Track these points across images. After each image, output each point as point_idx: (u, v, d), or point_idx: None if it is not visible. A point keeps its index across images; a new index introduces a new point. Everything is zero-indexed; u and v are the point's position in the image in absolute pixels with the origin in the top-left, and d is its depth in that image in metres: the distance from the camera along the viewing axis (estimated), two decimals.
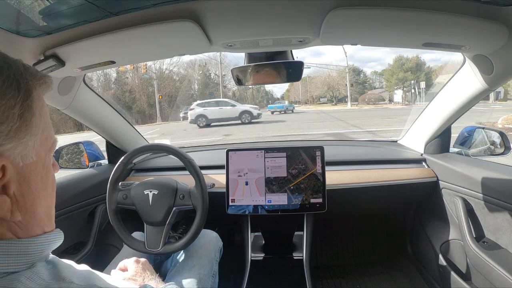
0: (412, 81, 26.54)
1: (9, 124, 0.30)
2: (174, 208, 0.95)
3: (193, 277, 0.85)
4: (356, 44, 0.78)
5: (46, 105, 0.37)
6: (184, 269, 0.88)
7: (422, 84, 23.74)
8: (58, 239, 0.38)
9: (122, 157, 1.00)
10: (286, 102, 25.11)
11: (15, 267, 0.31)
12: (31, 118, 0.32)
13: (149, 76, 24.03)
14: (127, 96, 25.14)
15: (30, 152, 0.33)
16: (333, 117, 14.97)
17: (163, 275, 0.94)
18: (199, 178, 0.95)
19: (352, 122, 11.34)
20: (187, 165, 0.96)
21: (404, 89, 29.26)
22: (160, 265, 1.03)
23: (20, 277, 0.30)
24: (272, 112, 21.04)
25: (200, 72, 32.81)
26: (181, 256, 0.95)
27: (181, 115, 22.95)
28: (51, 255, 0.38)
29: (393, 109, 19.46)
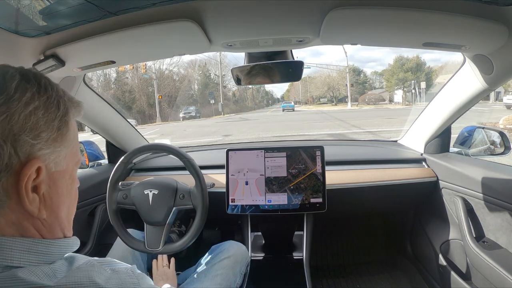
0: (413, 81, 26.48)
1: (49, 133, 0.35)
2: (174, 208, 0.95)
3: (214, 286, 0.85)
4: (356, 44, 0.78)
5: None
6: (206, 276, 0.88)
7: (423, 84, 23.77)
8: (75, 245, 0.41)
9: (123, 157, 1.00)
10: (292, 102, 32.07)
11: (36, 264, 0.34)
12: (66, 132, 0.38)
13: (149, 76, 23.96)
14: (127, 96, 25.04)
15: (62, 161, 0.38)
16: (334, 117, 14.94)
17: (184, 279, 0.95)
18: (199, 178, 0.95)
19: (352, 123, 11.35)
20: (187, 165, 0.96)
21: (405, 89, 29.19)
22: (182, 268, 1.03)
23: (38, 272, 0.33)
24: (283, 110, 24.53)
25: (200, 72, 32.77)
26: (206, 263, 0.94)
27: (181, 115, 22.77)
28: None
29: (393, 109, 19.48)
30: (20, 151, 0.32)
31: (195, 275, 0.90)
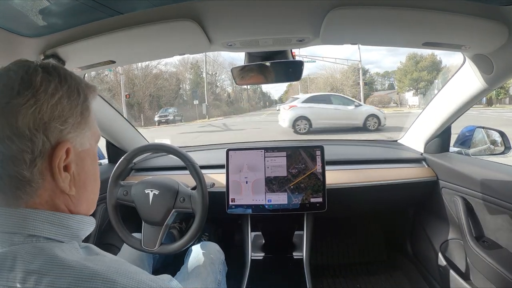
0: (436, 81, 24.14)
1: (74, 119, 0.39)
2: (173, 210, 0.95)
3: (199, 285, 0.87)
4: (356, 44, 0.78)
5: None
6: (190, 277, 0.90)
7: None
8: (91, 223, 0.44)
9: (126, 154, 1.00)
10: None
11: (55, 236, 0.38)
12: (88, 115, 0.42)
13: (112, 70, 19.66)
14: (105, 95, 23.16)
15: (86, 141, 0.42)
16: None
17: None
18: (201, 184, 0.94)
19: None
20: (191, 169, 0.96)
21: (418, 90, 27.51)
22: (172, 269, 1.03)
23: (62, 246, 0.37)
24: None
25: (192, 70, 31.41)
26: (187, 264, 0.96)
27: (156, 118, 19.74)
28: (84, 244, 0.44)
29: (417, 114, 13.34)
30: (51, 137, 0.36)
31: (180, 277, 0.93)
